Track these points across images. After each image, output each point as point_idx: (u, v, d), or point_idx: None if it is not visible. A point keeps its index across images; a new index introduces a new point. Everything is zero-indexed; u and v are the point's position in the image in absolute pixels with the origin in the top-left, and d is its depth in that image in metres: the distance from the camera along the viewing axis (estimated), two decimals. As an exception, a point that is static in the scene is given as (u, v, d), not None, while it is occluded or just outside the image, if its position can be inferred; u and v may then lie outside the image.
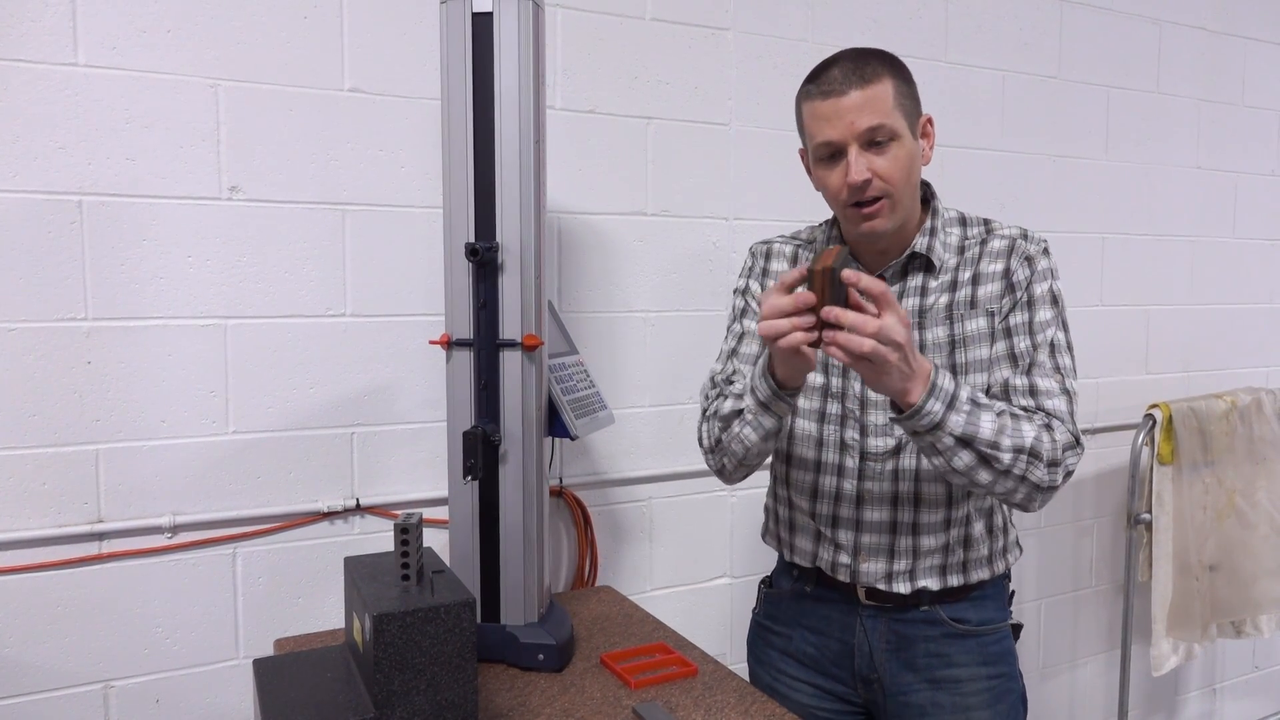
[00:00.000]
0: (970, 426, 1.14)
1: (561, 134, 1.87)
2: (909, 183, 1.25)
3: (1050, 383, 1.25)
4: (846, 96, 1.20)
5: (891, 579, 1.34)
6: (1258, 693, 3.04)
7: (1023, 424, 1.19)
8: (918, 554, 1.33)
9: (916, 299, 1.31)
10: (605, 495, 1.99)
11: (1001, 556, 1.39)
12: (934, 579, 1.34)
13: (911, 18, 2.23)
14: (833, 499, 1.36)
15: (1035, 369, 1.26)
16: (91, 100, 1.53)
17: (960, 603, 1.37)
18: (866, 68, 1.20)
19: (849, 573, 1.36)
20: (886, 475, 1.32)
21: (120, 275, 1.57)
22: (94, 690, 1.59)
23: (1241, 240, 2.81)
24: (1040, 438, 1.19)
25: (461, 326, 1.43)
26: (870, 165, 1.21)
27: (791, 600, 1.46)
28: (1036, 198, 2.43)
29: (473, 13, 1.38)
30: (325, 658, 1.31)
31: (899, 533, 1.33)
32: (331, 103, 1.69)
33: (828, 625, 1.41)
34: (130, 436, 1.59)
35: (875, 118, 1.20)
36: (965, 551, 1.35)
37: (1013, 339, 1.28)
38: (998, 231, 1.33)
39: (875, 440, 1.32)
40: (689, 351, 2.04)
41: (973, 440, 1.15)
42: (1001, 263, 1.30)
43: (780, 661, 1.46)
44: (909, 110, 1.23)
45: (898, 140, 1.21)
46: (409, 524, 1.16)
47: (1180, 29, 2.63)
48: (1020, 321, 1.28)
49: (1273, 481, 2.55)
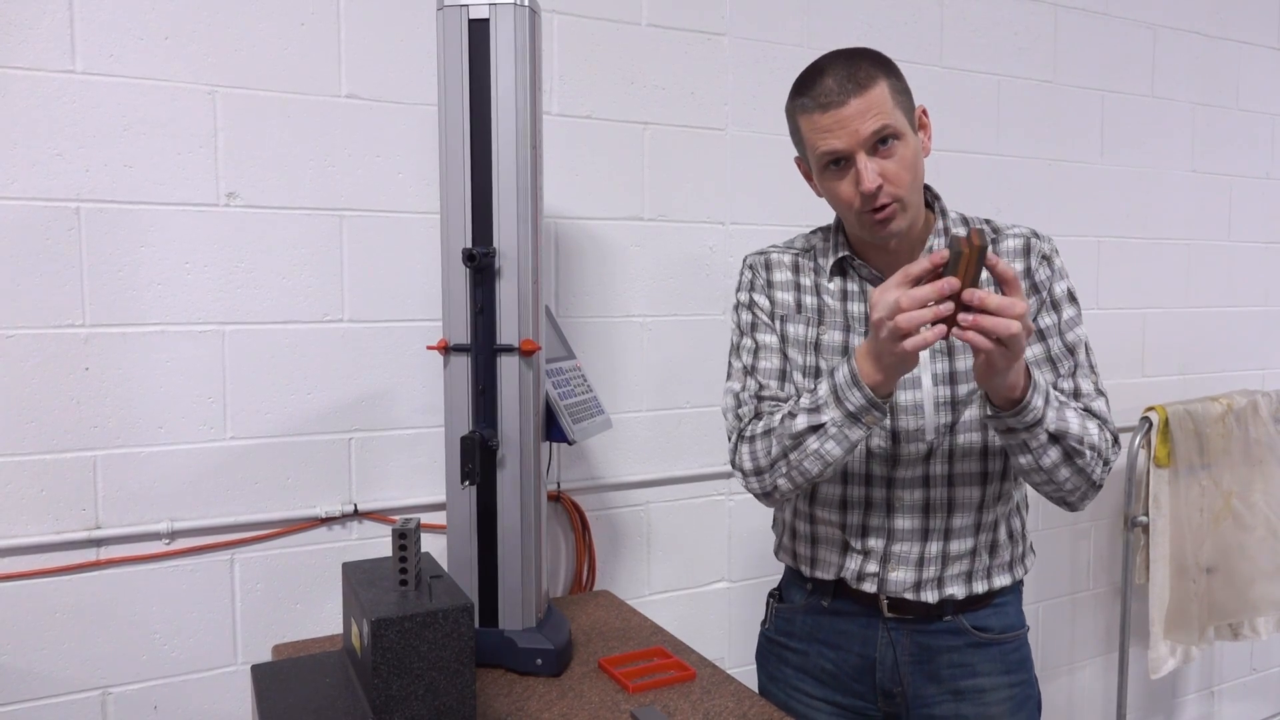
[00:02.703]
0: (1062, 422, 1.16)
1: (558, 139, 1.87)
2: (916, 180, 1.24)
3: (1090, 384, 1.27)
4: (846, 106, 1.18)
5: (920, 588, 1.32)
6: (1255, 695, 3.05)
7: (1088, 421, 1.21)
8: (946, 561, 1.31)
9: None
10: (603, 500, 1.99)
11: (1020, 562, 1.39)
12: (960, 586, 1.32)
13: (907, 23, 2.23)
14: (863, 508, 1.33)
15: (1078, 371, 1.27)
16: (89, 107, 1.53)
17: (982, 610, 1.35)
18: (859, 72, 1.19)
19: (876, 582, 1.33)
20: (918, 482, 1.30)
21: (118, 281, 1.57)
22: (92, 697, 1.59)
23: (1237, 243, 2.82)
24: (1102, 435, 1.22)
25: (459, 332, 1.44)
26: (879, 170, 1.19)
27: (805, 614, 1.42)
28: (1032, 201, 2.44)
29: (469, 19, 1.38)
30: (323, 663, 1.31)
31: (930, 539, 1.31)
32: (329, 109, 1.69)
33: (846, 640, 1.38)
34: (128, 443, 1.59)
35: (878, 120, 1.18)
36: (990, 558, 1.34)
37: (1048, 342, 1.28)
38: (1007, 231, 1.33)
39: (906, 446, 1.29)
40: (686, 356, 2.05)
41: (1064, 436, 1.16)
42: (1020, 263, 1.30)
43: (795, 679, 1.42)
44: (905, 105, 1.22)
45: (901, 139, 1.20)
46: (407, 529, 1.16)
47: (1175, 33, 2.64)
48: (1051, 323, 1.28)
49: (1269, 484, 2.56)
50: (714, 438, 2.09)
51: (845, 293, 1.34)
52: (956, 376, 1.28)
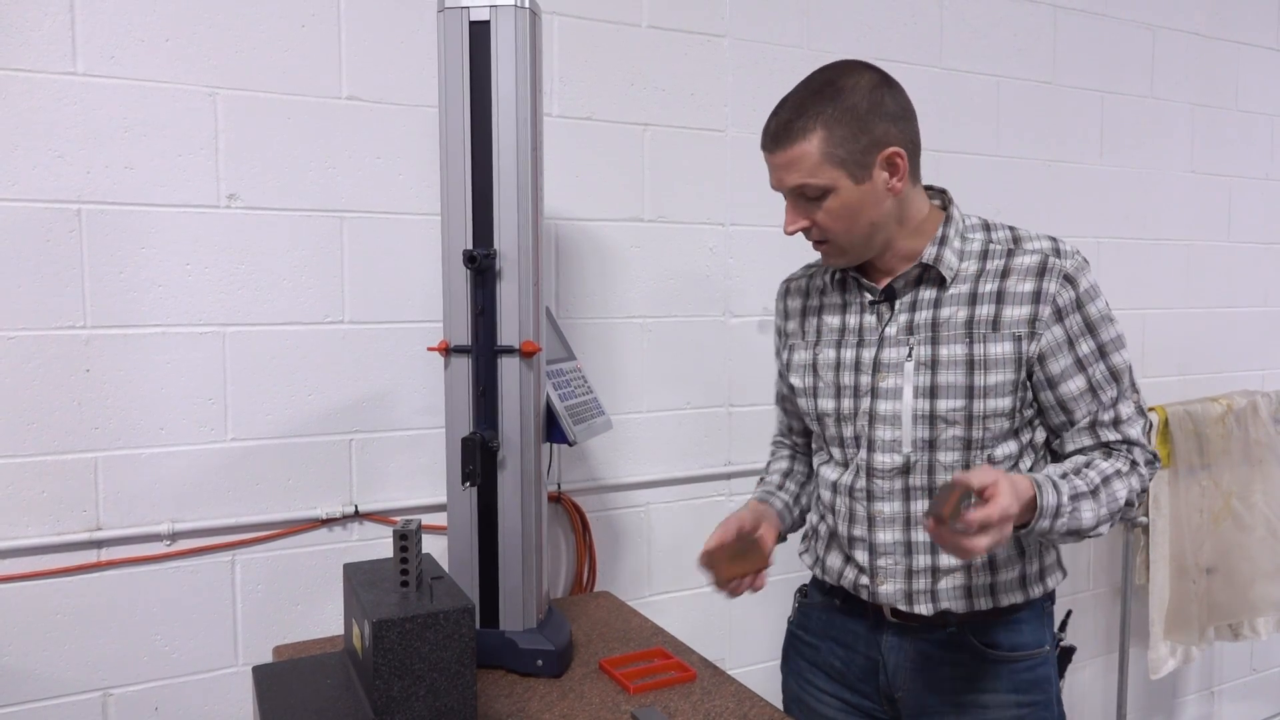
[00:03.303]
0: (1074, 522, 1.17)
1: (559, 141, 1.88)
2: (852, 228, 1.23)
3: (1130, 408, 1.26)
4: (774, 155, 1.23)
5: (912, 599, 1.29)
6: (1256, 695, 3.05)
7: (1114, 484, 1.20)
8: (936, 574, 1.28)
9: (930, 311, 1.27)
10: (603, 501, 1.99)
11: (1039, 580, 1.32)
12: (959, 601, 1.28)
13: (906, 24, 2.24)
14: (848, 520, 1.33)
15: (1120, 400, 1.25)
16: (90, 109, 1.54)
17: (991, 626, 1.31)
18: (794, 124, 1.19)
19: (869, 594, 1.32)
20: (897, 494, 1.29)
21: (119, 283, 1.57)
22: (93, 698, 1.59)
23: (1236, 244, 2.82)
24: (1130, 485, 1.22)
25: (460, 333, 1.44)
26: (808, 214, 1.24)
27: (822, 612, 1.43)
28: (1031, 203, 2.44)
29: (470, 21, 1.39)
30: (325, 664, 1.31)
31: (914, 553, 1.29)
32: (329, 111, 1.69)
33: (854, 640, 1.38)
34: (129, 444, 1.59)
35: (798, 177, 1.21)
36: (992, 574, 1.29)
37: (1088, 371, 1.24)
38: (1026, 244, 1.26)
39: (881, 456, 1.29)
40: (686, 357, 2.05)
41: (1077, 531, 1.18)
42: (1032, 283, 1.23)
43: (809, 672, 1.45)
44: (847, 157, 1.19)
45: (832, 193, 1.20)
46: (408, 530, 1.16)
47: (1174, 34, 2.64)
48: (1090, 350, 1.24)
49: (1269, 484, 2.56)
50: (714, 438, 2.09)
51: (844, 305, 1.35)
52: (938, 390, 1.25)
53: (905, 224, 1.27)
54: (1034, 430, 1.29)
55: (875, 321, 1.31)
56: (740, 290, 2.09)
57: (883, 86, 1.21)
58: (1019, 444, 1.28)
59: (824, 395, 1.35)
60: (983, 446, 1.25)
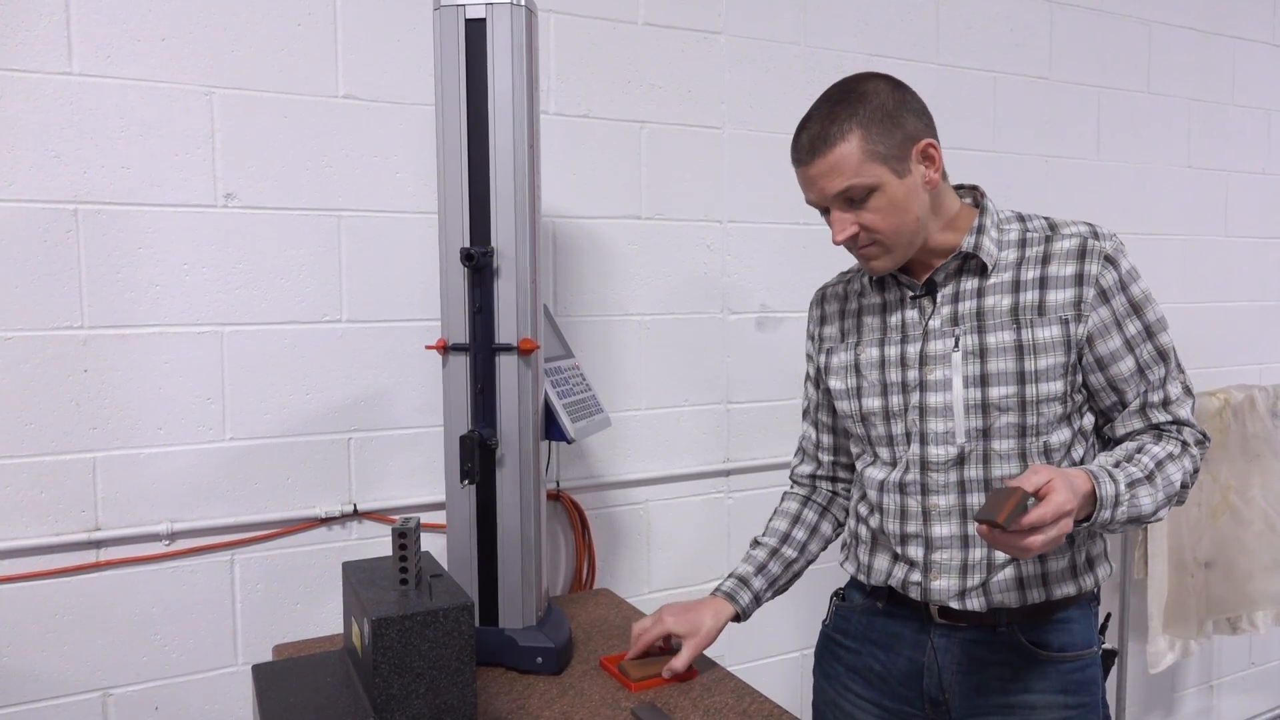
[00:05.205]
0: (1133, 510, 1.16)
1: (556, 139, 1.88)
2: (901, 224, 1.23)
3: (1178, 388, 1.26)
4: (813, 166, 1.22)
5: (965, 596, 1.28)
6: (1255, 689, 3.05)
7: (1168, 467, 1.20)
8: (991, 568, 1.27)
9: (974, 300, 1.27)
10: (602, 498, 1.99)
11: (1089, 570, 1.31)
12: (1012, 594, 1.27)
13: (902, 20, 2.24)
14: (899, 516, 1.32)
15: (1169, 379, 1.26)
16: (86, 109, 1.53)
17: (1042, 626, 1.30)
18: (830, 130, 1.20)
19: (920, 591, 1.30)
20: (952, 487, 1.28)
21: (116, 283, 1.57)
22: (93, 698, 1.59)
23: (1233, 238, 2.82)
24: (1184, 467, 1.22)
25: (458, 331, 1.44)
26: (856, 219, 1.23)
27: (862, 615, 1.41)
28: (1028, 198, 2.44)
29: (466, 19, 1.39)
30: (324, 663, 1.31)
31: (971, 545, 1.27)
32: (326, 109, 1.69)
33: (897, 643, 1.36)
34: (127, 444, 1.59)
35: (842, 181, 1.20)
36: (1043, 562, 1.27)
37: (1135, 352, 1.24)
38: (1063, 230, 1.27)
39: (935, 449, 1.28)
40: (684, 354, 2.05)
41: (1138, 519, 1.18)
42: (1073, 266, 1.24)
43: (846, 677, 1.43)
44: (887, 153, 1.20)
45: (878, 190, 1.21)
46: (407, 528, 1.16)
47: (1170, 29, 2.64)
48: (1137, 331, 1.24)
49: (1266, 478, 2.57)
50: (713, 436, 2.09)
51: (884, 304, 1.35)
52: (989, 378, 1.25)
53: (939, 219, 1.28)
54: (1083, 416, 1.29)
55: (918, 316, 1.31)
56: (738, 287, 2.09)
57: (901, 88, 1.25)
58: (1071, 430, 1.27)
59: (869, 394, 1.34)
60: (1038, 433, 1.25)
